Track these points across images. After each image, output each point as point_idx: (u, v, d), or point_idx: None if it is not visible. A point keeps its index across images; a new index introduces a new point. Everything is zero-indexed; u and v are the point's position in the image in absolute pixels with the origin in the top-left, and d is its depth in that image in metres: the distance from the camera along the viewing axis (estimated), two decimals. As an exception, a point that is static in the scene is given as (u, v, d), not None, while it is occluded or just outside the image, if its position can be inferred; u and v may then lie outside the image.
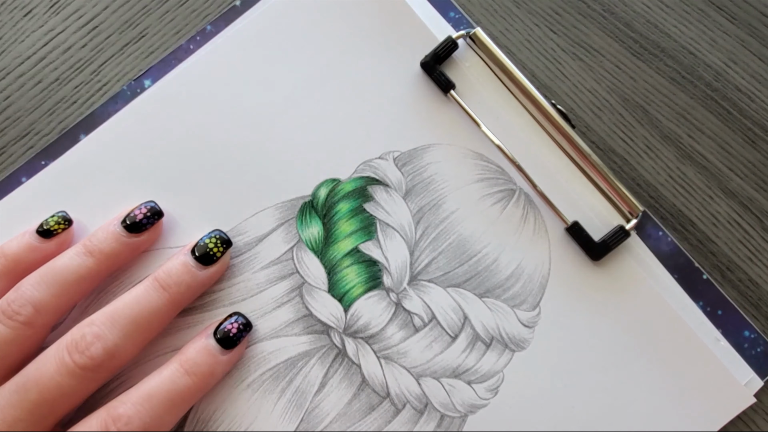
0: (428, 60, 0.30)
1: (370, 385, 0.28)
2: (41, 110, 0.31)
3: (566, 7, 0.33)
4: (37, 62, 0.32)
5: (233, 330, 0.27)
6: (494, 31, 0.33)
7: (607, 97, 0.32)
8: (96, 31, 0.32)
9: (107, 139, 0.29)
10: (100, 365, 0.24)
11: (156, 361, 0.27)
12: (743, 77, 0.32)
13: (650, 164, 0.31)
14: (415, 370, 0.28)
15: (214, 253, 0.27)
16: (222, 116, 0.30)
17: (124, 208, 0.28)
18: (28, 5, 0.32)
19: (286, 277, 0.29)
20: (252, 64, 0.30)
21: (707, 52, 0.32)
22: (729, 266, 0.30)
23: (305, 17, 0.31)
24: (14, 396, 0.23)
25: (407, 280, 0.29)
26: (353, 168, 0.30)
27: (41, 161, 0.29)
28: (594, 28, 0.33)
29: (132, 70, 0.32)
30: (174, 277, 0.26)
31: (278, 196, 0.29)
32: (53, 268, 0.25)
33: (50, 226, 0.27)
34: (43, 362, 0.24)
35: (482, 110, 0.30)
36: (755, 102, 0.32)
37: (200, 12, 0.32)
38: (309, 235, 0.29)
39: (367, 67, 0.30)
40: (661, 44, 0.32)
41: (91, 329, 0.24)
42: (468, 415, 0.28)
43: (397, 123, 0.30)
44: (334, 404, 0.28)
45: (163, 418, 0.24)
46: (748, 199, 0.31)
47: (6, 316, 0.24)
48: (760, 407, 0.29)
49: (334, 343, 0.28)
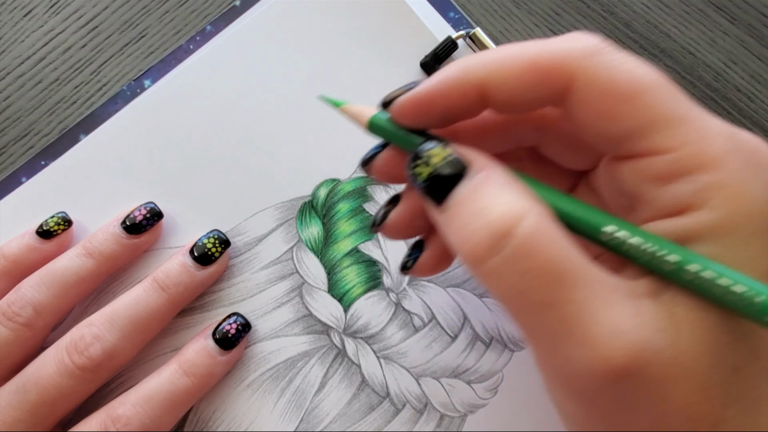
0: (428, 60, 0.30)
1: (369, 385, 0.28)
2: (41, 110, 0.31)
3: (566, 7, 0.33)
4: (37, 62, 0.32)
5: (232, 331, 0.27)
6: (494, 31, 0.33)
7: (606, 97, 0.32)
8: (96, 31, 0.32)
9: (107, 139, 0.29)
10: (99, 366, 0.24)
11: (156, 361, 0.27)
12: (743, 77, 0.32)
13: (650, 164, 0.31)
14: (414, 370, 0.28)
15: (212, 253, 0.27)
16: (222, 116, 0.30)
17: (124, 209, 0.28)
18: (28, 5, 0.32)
19: (285, 277, 0.29)
20: (252, 64, 0.30)
21: (707, 53, 0.32)
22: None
23: (305, 17, 0.31)
24: (14, 397, 0.23)
25: (407, 280, 0.29)
26: (353, 168, 0.30)
27: (41, 161, 0.29)
28: (594, 28, 0.33)
29: (132, 70, 0.32)
30: (173, 278, 0.26)
31: (278, 196, 0.29)
32: (53, 270, 0.26)
33: (50, 226, 0.27)
34: (43, 363, 0.24)
35: (482, 110, 0.30)
36: (755, 102, 0.32)
37: (200, 12, 0.32)
38: (309, 235, 0.29)
39: (367, 67, 0.30)
40: (661, 44, 0.32)
41: (90, 330, 0.24)
42: (468, 414, 0.28)
43: (397, 123, 0.30)
44: (334, 404, 0.28)
45: (162, 418, 0.24)
46: (748, 200, 0.31)
47: (6, 318, 0.24)
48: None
49: (334, 343, 0.28)
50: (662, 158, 0.15)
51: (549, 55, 0.16)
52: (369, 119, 0.19)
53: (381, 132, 0.19)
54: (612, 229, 0.15)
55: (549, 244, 0.15)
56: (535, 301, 0.15)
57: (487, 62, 0.17)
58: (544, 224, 0.15)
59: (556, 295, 0.15)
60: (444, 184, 0.16)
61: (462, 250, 0.16)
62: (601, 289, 0.14)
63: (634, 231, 0.15)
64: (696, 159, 0.15)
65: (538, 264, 0.15)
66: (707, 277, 0.14)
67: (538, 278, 0.15)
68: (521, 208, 0.15)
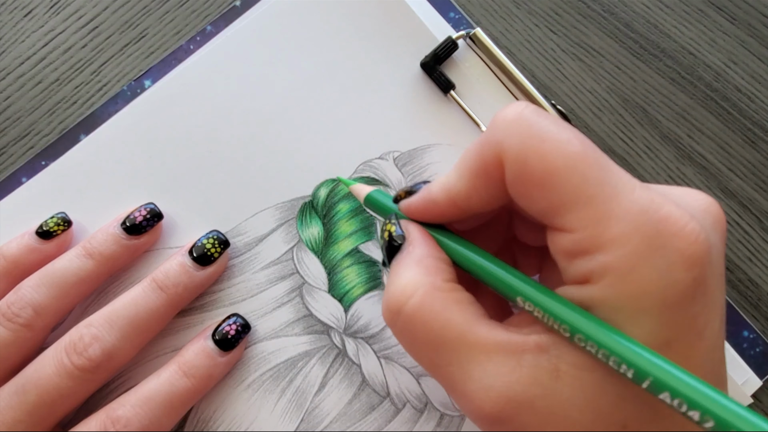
0: (428, 60, 0.30)
1: (370, 385, 0.28)
2: (41, 110, 0.31)
3: (566, 8, 0.33)
4: (37, 62, 0.32)
5: (231, 332, 0.27)
6: (494, 31, 0.33)
7: (606, 97, 0.32)
8: (96, 31, 0.32)
9: (107, 139, 0.29)
10: (98, 366, 0.24)
11: (156, 361, 0.27)
12: (743, 77, 0.32)
13: (650, 164, 0.31)
14: (415, 369, 0.28)
15: (211, 253, 0.27)
16: (222, 116, 0.30)
17: (124, 210, 0.28)
18: (28, 5, 0.32)
19: (286, 278, 0.29)
20: (252, 64, 0.30)
21: (707, 53, 0.32)
22: (728, 266, 0.30)
23: (305, 17, 0.31)
24: (14, 398, 0.23)
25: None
26: (353, 168, 0.30)
27: (41, 161, 0.29)
28: (594, 28, 0.33)
29: (132, 71, 0.32)
30: (172, 278, 0.26)
31: (278, 197, 0.29)
32: (53, 271, 0.26)
33: (50, 227, 0.27)
34: (42, 364, 0.24)
35: (482, 110, 0.30)
36: (755, 102, 0.32)
37: (200, 12, 0.32)
38: (309, 235, 0.29)
39: (367, 67, 0.30)
40: (661, 44, 0.32)
41: (89, 330, 0.24)
42: (468, 415, 0.28)
43: (397, 123, 0.30)
44: (334, 404, 0.28)
45: (162, 419, 0.24)
46: (748, 200, 0.31)
47: (6, 318, 0.24)
48: (759, 407, 0.29)
49: (335, 343, 0.28)
50: (568, 236, 0.17)
51: (484, 152, 0.18)
52: (366, 195, 0.25)
53: (371, 202, 0.25)
54: (520, 301, 0.18)
55: (430, 319, 0.18)
56: (425, 363, 0.19)
57: (449, 183, 0.20)
58: (428, 301, 0.18)
59: (439, 359, 0.18)
60: (390, 251, 0.21)
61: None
62: (480, 350, 0.17)
63: (538, 300, 0.17)
64: (595, 240, 0.16)
65: (421, 336, 0.18)
66: (589, 349, 0.16)
67: (423, 346, 0.18)
68: (412, 287, 0.18)
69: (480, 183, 0.19)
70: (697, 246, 0.15)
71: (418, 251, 0.20)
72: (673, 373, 0.15)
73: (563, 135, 0.17)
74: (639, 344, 0.15)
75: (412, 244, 0.20)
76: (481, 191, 0.19)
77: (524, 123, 0.17)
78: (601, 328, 0.16)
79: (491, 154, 0.18)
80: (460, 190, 0.19)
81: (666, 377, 0.15)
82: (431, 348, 0.18)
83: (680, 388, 0.14)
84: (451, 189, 0.20)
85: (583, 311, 0.16)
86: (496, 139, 0.18)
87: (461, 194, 0.19)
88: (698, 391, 0.14)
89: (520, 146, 0.17)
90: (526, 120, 0.17)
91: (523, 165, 0.17)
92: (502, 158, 0.18)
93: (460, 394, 0.18)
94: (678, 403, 0.14)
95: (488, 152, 0.18)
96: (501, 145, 0.17)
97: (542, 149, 0.17)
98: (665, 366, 0.15)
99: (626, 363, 0.15)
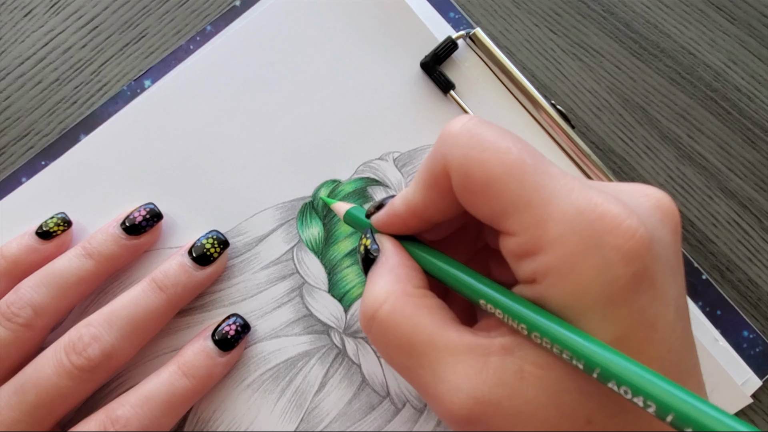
0: (428, 60, 0.30)
1: (370, 385, 0.28)
2: (41, 110, 0.31)
3: (566, 8, 0.33)
4: (37, 62, 0.32)
5: (231, 332, 0.27)
6: (494, 31, 0.33)
7: (606, 97, 0.32)
8: (96, 31, 0.32)
9: (107, 139, 0.29)
10: (97, 366, 0.24)
11: (156, 361, 0.27)
12: (743, 77, 0.32)
13: (650, 164, 0.31)
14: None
15: (211, 253, 0.27)
16: (222, 116, 0.30)
17: (124, 210, 0.28)
18: (28, 5, 0.32)
19: (286, 278, 0.29)
20: (252, 64, 0.30)
21: (707, 53, 0.32)
22: (728, 266, 0.31)
23: (305, 17, 0.31)
24: (13, 398, 0.23)
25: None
26: (353, 169, 0.30)
27: (41, 161, 0.29)
28: (594, 28, 0.33)
29: (132, 70, 0.32)
30: (171, 278, 0.26)
31: (278, 197, 0.29)
32: (52, 271, 0.26)
33: (50, 227, 0.27)
34: (41, 364, 0.24)
35: (482, 110, 0.30)
36: (755, 102, 0.32)
37: (200, 12, 0.32)
38: (309, 235, 0.29)
39: (367, 67, 0.30)
40: (660, 44, 0.32)
41: (88, 330, 0.24)
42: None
43: (397, 123, 0.30)
44: (334, 404, 0.28)
45: (161, 419, 0.24)
46: (748, 199, 0.31)
47: (5, 318, 0.24)
48: (759, 407, 0.29)
49: (334, 343, 0.28)
50: (513, 239, 0.18)
51: (433, 165, 0.19)
52: (345, 212, 0.26)
53: (350, 218, 0.26)
54: (482, 303, 0.19)
55: (401, 323, 0.19)
56: (398, 366, 0.20)
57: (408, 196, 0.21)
58: (399, 307, 0.19)
59: (410, 362, 0.19)
60: (366, 263, 0.22)
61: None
62: (448, 353, 0.18)
63: (497, 301, 0.18)
64: (536, 242, 0.17)
65: (393, 340, 0.19)
66: (546, 345, 0.17)
67: (396, 350, 0.19)
68: (384, 295, 0.19)
69: (434, 194, 0.20)
70: (635, 241, 0.16)
71: (391, 261, 0.21)
72: (617, 362, 0.15)
73: (502, 144, 0.18)
74: (590, 338, 0.16)
75: (385, 255, 0.21)
76: (437, 202, 0.20)
77: (466, 135, 0.18)
78: (554, 324, 0.16)
79: (439, 166, 0.19)
80: (417, 202, 0.20)
81: (611, 366, 0.15)
82: (403, 351, 0.19)
83: (624, 375, 0.15)
84: (410, 202, 0.21)
85: (540, 309, 0.17)
86: (442, 152, 0.19)
87: (419, 206, 0.20)
88: (641, 377, 0.15)
89: (462, 158, 0.18)
90: (468, 131, 0.18)
91: (466, 175, 0.18)
92: (449, 170, 0.18)
93: (432, 397, 0.18)
94: (624, 391, 0.15)
95: (436, 165, 0.19)
96: (446, 157, 0.18)
97: (482, 159, 0.18)
98: (611, 356, 0.15)
99: (577, 355, 0.16)
